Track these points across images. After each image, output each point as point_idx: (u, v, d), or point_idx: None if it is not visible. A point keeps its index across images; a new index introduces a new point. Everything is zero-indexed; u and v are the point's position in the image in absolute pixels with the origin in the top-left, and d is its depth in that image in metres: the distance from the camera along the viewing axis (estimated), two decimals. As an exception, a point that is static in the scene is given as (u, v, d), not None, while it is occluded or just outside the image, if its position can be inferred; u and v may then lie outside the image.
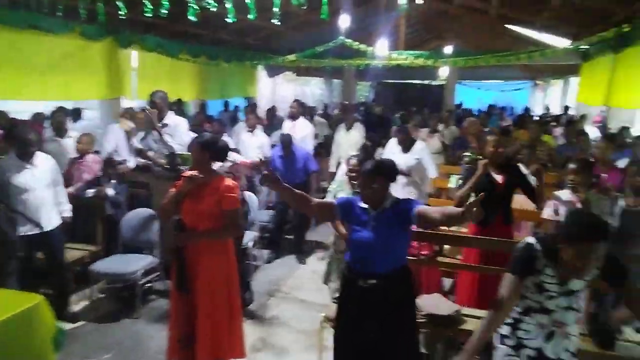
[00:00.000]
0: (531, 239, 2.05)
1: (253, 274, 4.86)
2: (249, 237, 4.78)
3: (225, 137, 5.34)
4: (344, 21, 6.11)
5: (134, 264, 3.97)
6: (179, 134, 4.34)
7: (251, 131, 6.16)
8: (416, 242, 3.60)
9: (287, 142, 5.33)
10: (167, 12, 3.74)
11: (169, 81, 7.10)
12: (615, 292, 2.09)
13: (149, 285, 4.30)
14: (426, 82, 18.79)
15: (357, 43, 6.60)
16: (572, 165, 3.37)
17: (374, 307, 2.36)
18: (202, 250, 2.81)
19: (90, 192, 4.45)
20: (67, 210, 3.89)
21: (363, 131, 6.89)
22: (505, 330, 2.10)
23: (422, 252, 3.80)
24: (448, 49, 8.32)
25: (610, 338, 2.64)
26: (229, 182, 2.89)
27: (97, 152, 5.15)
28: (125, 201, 4.74)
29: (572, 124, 7.58)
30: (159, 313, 4.00)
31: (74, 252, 4.16)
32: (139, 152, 4.42)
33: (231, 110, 9.61)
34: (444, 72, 11.23)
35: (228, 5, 3.66)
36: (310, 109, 10.05)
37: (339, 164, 6.52)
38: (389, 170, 2.47)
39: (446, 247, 3.99)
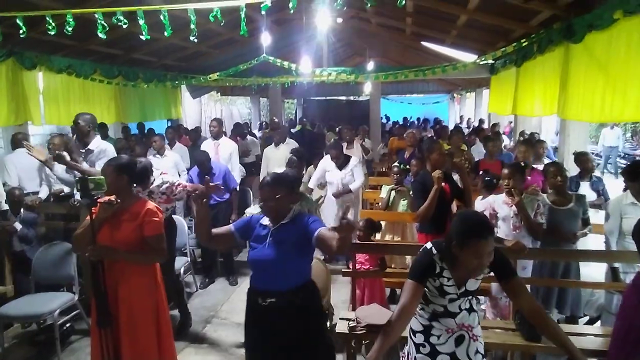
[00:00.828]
0: (429, 245, 2.14)
1: (186, 301, 4.62)
2: (180, 262, 4.57)
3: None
4: (266, 39, 6.12)
5: (49, 303, 3.61)
6: (104, 159, 4.07)
7: (159, 154, 5.88)
8: (358, 254, 3.65)
9: (203, 160, 5.06)
10: (72, 29, 3.50)
11: (82, 104, 6.65)
12: (503, 287, 2.15)
13: (68, 325, 3.94)
14: (352, 97, 19.39)
15: (279, 60, 6.64)
16: (505, 170, 3.59)
17: (277, 326, 2.29)
18: (123, 277, 2.61)
19: (-6, 228, 4.01)
20: None
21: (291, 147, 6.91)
22: (419, 338, 2.15)
23: (365, 266, 3.84)
24: (370, 65, 8.63)
25: (536, 331, 2.80)
26: (150, 205, 2.72)
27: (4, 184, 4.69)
28: (40, 235, 4.34)
29: (480, 132, 8.14)
30: (81, 355, 3.67)
31: (-24, 297, 3.72)
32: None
33: (146, 134, 9.16)
34: (368, 87, 11.61)
35: (141, 22, 3.50)
36: (244, 127, 9.98)
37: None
38: (291, 183, 2.46)
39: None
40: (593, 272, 3.60)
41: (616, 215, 3.43)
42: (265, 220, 2.41)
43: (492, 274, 2.11)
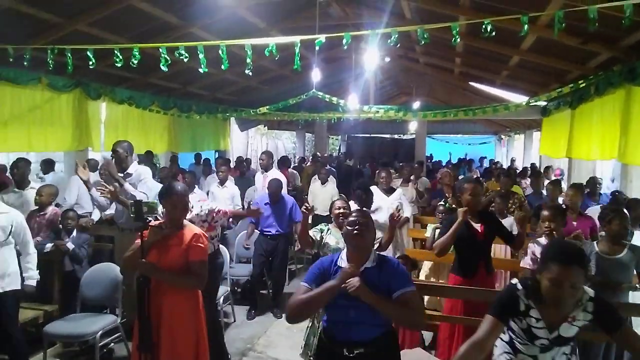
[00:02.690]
0: (515, 280, 2.01)
1: (224, 332, 4.59)
2: (220, 292, 4.56)
3: (197, 190, 5.23)
4: (316, 75, 6.27)
5: (92, 324, 3.67)
6: (142, 182, 4.23)
7: (222, 184, 6.07)
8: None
9: (276, 188, 5.15)
10: (137, 62, 3.72)
11: (138, 133, 7.01)
12: (610, 338, 1.93)
13: (109, 347, 3.98)
14: (396, 135, 19.39)
15: (328, 96, 6.76)
16: (545, 212, 3.42)
17: None
18: (167, 302, 2.61)
19: (49, 246, 4.18)
20: (32, 277, 3.55)
21: (335, 183, 6.94)
22: None
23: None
24: (415, 104, 8.64)
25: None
26: (197, 230, 2.75)
27: (57, 205, 4.93)
28: (88, 256, 4.48)
29: (537, 175, 7.83)
30: (119, 379, 3.68)
31: (27, 312, 3.83)
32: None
33: (203, 164, 9.46)
34: (413, 126, 11.59)
35: (201, 56, 3.67)
36: (286, 161, 10.15)
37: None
38: (373, 222, 2.32)
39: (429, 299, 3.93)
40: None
41: None
42: (344, 262, 2.21)
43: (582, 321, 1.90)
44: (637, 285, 3.31)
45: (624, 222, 3.26)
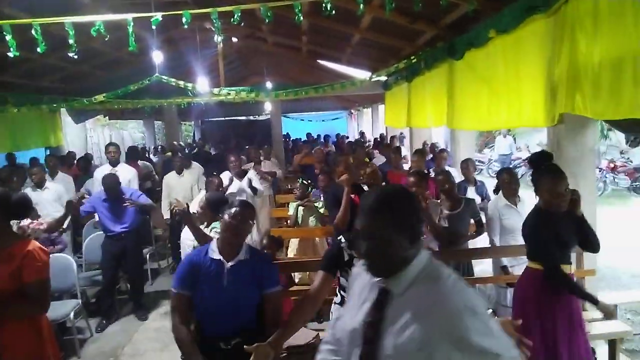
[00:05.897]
0: (340, 236, 2.23)
1: (79, 349, 4.09)
2: (69, 306, 4.03)
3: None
4: (158, 57, 5.77)
5: None
6: None
7: (39, 187, 5.19)
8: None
9: (111, 184, 4.61)
10: None
11: None
12: None
13: None
14: (251, 117, 19.27)
15: (174, 80, 6.31)
16: (411, 178, 3.72)
17: None
18: (1, 336, 2.18)
19: None
20: None
21: (197, 172, 6.60)
22: None
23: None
24: (268, 84, 8.63)
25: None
26: (32, 246, 2.31)
27: None
28: None
29: (387, 145, 8.56)
30: None
31: None
32: None
33: (18, 165, 8.01)
34: (268, 106, 11.61)
35: (8, 38, 3.04)
36: (135, 152, 9.31)
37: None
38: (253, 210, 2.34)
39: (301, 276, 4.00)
40: (485, 269, 3.88)
41: (495, 217, 3.78)
42: (215, 254, 2.18)
43: None
44: (474, 232, 3.91)
45: (446, 182, 3.82)
